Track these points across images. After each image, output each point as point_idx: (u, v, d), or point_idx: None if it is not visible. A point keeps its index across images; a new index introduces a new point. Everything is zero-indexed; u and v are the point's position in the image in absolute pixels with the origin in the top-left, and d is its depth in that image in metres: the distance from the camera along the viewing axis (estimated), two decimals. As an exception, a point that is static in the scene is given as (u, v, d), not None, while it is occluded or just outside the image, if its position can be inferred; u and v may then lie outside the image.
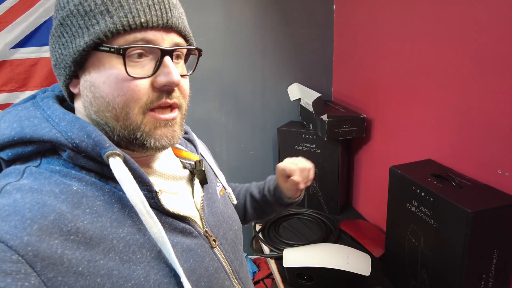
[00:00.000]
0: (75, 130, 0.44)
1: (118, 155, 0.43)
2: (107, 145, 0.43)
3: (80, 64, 0.46)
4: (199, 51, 0.52)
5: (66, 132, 0.43)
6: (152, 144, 0.47)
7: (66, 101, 0.52)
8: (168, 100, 0.47)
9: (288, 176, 0.78)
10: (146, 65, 0.46)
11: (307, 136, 1.39)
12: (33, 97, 0.51)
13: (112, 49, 0.43)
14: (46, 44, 1.30)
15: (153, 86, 0.46)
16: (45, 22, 1.28)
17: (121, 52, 0.43)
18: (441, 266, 0.80)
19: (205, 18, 1.41)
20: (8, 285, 0.33)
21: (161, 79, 0.45)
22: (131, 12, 0.43)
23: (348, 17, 1.44)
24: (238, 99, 1.55)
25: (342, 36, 1.51)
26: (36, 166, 0.44)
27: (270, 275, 1.57)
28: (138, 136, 0.46)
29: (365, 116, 1.29)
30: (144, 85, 0.45)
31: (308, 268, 0.99)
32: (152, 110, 0.47)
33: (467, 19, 0.84)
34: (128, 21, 0.43)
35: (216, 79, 1.49)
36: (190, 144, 0.66)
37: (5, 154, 0.45)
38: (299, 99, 1.49)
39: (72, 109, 0.51)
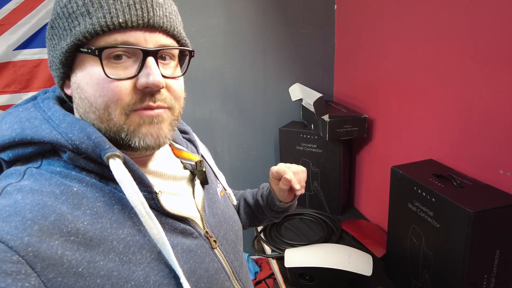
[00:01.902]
0: (75, 132, 0.44)
1: (118, 156, 0.43)
2: (107, 146, 0.44)
3: (68, 66, 0.46)
4: (190, 52, 0.51)
5: (66, 133, 0.44)
6: (137, 144, 0.46)
7: (67, 102, 0.52)
8: (152, 103, 0.46)
9: (280, 178, 0.74)
10: (129, 66, 0.45)
11: (308, 136, 1.39)
12: (34, 98, 0.51)
13: (90, 50, 0.43)
14: (48, 46, 1.31)
15: (136, 88, 0.45)
16: (47, 23, 1.29)
17: (97, 53, 0.43)
18: (443, 266, 0.80)
19: (206, 19, 1.42)
20: (8, 286, 0.33)
21: (141, 80, 0.44)
22: (110, 13, 0.42)
23: (349, 17, 1.44)
24: (240, 100, 1.55)
25: (343, 36, 1.50)
26: (36, 167, 0.44)
27: (272, 275, 1.57)
28: (123, 136, 0.46)
29: (366, 116, 1.29)
30: (125, 86, 0.44)
31: (309, 268, 0.99)
32: (136, 110, 0.46)
33: (468, 18, 0.83)
34: (106, 22, 0.42)
35: (217, 79, 1.50)
36: (190, 144, 0.66)
37: (6, 155, 0.45)
38: (301, 99, 1.49)
39: (72, 110, 0.51)
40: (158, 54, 0.46)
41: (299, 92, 1.48)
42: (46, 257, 0.36)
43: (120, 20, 0.43)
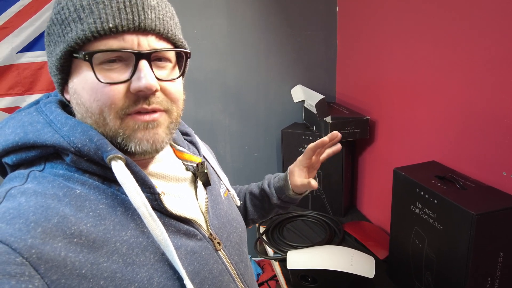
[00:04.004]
0: (77, 135, 0.44)
1: (120, 158, 0.44)
2: (109, 148, 0.44)
3: (65, 72, 0.46)
4: (186, 53, 0.51)
5: (68, 136, 0.44)
6: (133, 149, 0.46)
7: (68, 106, 0.52)
8: (146, 106, 0.45)
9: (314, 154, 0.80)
10: (122, 70, 0.45)
11: (310, 138, 1.39)
12: (36, 102, 0.52)
13: (81, 56, 0.43)
14: (51, 48, 1.32)
15: (129, 92, 0.45)
16: (45, 30, 1.30)
17: (87, 58, 0.43)
18: (446, 268, 0.79)
19: (208, 20, 1.42)
20: (12, 287, 0.33)
21: (134, 84, 0.44)
22: (100, 18, 0.42)
23: (351, 19, 1.44)
24: (242, 101, 1.55)
25: (345, 38, 1.51)
26: (40, 171, 0.45)
27: (274, 277, 1.57)
28: (120, 141, 0.46)
29: (368, 117, 1.29)
30: (119, 90, 0.44)
31: (312, 270, 0.99)
32: (130, 114, 0.46)
33: (470, 20, 0.83)
34: (96, 27, 0.42)
35: (219, 81, 1.50)
36: (192, 146, 0.66)
37: (10, 159, 0.46)
38: (303, 101, 1.49)
39: (74, 114, 0.51)
40: (152, 57, 0.46)
41: (301, 93, 1.48)
42: (50, 259, 0.37)
43: (110, 25, 0.43)
